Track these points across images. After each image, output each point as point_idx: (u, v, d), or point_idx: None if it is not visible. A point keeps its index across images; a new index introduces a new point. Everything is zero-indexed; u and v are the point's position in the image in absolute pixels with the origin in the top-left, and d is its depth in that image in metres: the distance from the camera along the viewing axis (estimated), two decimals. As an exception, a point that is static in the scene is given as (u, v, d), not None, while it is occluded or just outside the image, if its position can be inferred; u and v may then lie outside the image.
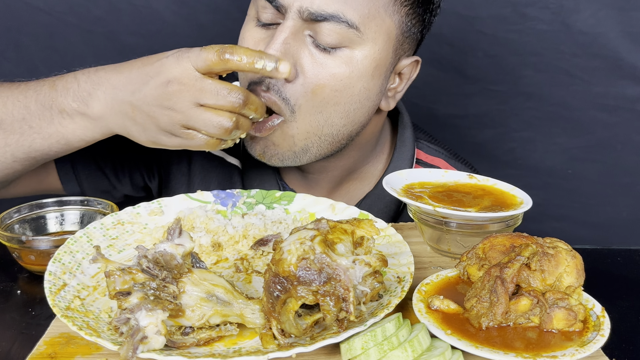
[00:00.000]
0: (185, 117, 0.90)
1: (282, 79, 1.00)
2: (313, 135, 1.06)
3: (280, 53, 0.98)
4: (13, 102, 1.02)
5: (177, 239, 0.78)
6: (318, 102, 1.02)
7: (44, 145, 1.01)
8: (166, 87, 0.91)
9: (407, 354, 0.70)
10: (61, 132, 0.99)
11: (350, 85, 1.02)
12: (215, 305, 0.74)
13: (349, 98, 1.04)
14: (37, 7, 1.70)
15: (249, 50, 0.93)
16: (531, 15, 1.72)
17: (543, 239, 0.84)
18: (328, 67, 1.00)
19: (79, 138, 0.99)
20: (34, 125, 1.00)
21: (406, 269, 0.88)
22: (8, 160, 1.03)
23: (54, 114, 0.99)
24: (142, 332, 0.69)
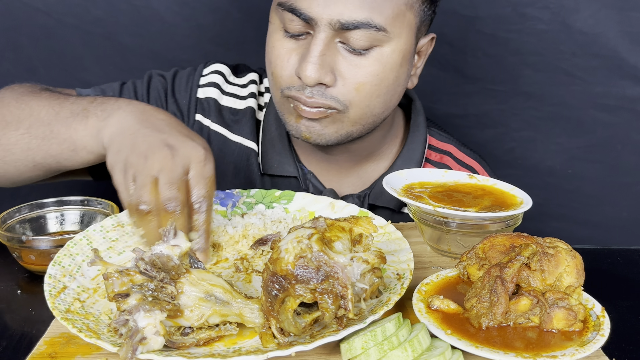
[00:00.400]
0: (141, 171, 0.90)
1: (322, 87, 1.07)
2: (358, 123, 1.14)
3: (318, 65, 1.05)
4: (47, 109, 1.05)
5: (173, 240, 0.78)
6: (363, 97, 1.10)
7: (57, 151, 1.02)
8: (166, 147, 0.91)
9: (407, 354, 0.70)
10: (73, 137, 1.00)
11: (385, 78, 1.10)
12: (214, 305, 0.74)
13: (386, 89, 1.12)
14: (35, 7, 1.70)
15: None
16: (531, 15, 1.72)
17: (543, 239, 0.84)
18: (363, 67, 1.08)
19: (82, 145, 1.00)
20: (54, 129, 1.02)
21: (406, 265, 0.88)
22: (29, 165, 1.06)
23: (77, 120, 1.01)
24: (140, 333, 0.69)
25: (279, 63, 1.10)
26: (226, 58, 1.43)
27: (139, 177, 0.88)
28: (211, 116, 1.30)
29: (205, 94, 1.31)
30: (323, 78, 1.06)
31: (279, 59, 1.10)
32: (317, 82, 1.06)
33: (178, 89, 1.31)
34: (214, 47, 1.76)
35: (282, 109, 1.15)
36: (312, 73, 1.04)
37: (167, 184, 0.87)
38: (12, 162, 1.07)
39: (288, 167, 1.27)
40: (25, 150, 1.05)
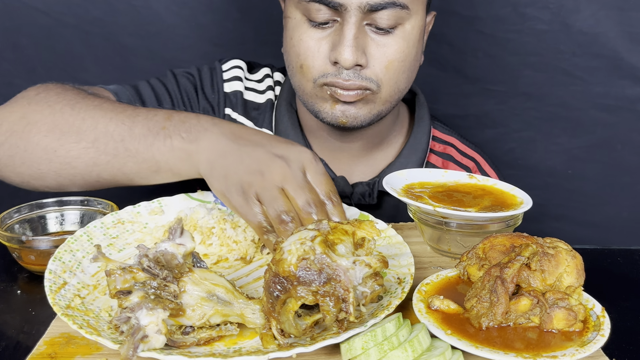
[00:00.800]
0: (264, 187, 0.90)
1: (358, 68, 1.11)
2: (387, 102, 1.18)
3: (354, 48, 1.08)
4: (116, 124, 0.99)
5: (179, 239, 0.78)
6: (392, 74, 1.14)
7: (133, 170, 0.99)
8: (275, 157, 0.91)
9: (407, 354, 0.70)
10: (156, 158, 0.97)
11: (409, 54, 1.15)
12: (216, 305, 0.74)
13: (410, 64, 1.17)
14: (35, 7, 1.70)
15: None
16: (531, 15, 1.72)
17: (543, 239, 0.84)
18: (390, 46, 1.12)
19: (168, 167, 0.98)
20: (130, 148, 0.98)
21: (406, 270, 0.88)
22: (92, 179, 1.02)
23: (158, 140, 0.97)
24: (142, 331, 0.69)
25: (309, 54, 1.12)
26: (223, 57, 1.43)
27: (264, 193, 0.89)
28: (238, 109, 1.33)
29: (232, 87, 1.33)
30: (359, 59, 1.09)
31: (309, 50, 1.12)
32: (354, 64, 1.09)
33: (206, 84, 1.33)
34: (213, 47, 1.76)
35: (314, 99, 1.17)
36: (349, 55, 1.08)
37: (297, 189, 0.89)
38: (70, 175, 1.02)
39: None
40: (91, 165, 1.00)
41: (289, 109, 1.30)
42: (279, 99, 1.33)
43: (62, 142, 1.00)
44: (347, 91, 1.12)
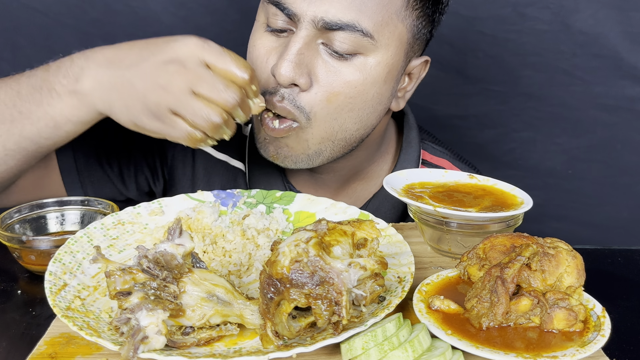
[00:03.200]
0: (176, 100, 0.85)
1: (296, 89, 1.01)
2: (327, 140, 1.06)
3: (295, 64, 0.98)
4: (5, 91, 0.98)
5: (178, 239, 0.78)
6: (333, 109, 1.02)
7: (33, 131, 0.96)
8: (166, 65, 0.87)
9: (408, 354, 0.70)
10: (49, 113, 0.95)
11: (364, 92, 1.03)
12: (216, 305, 0.74)
13: (362, 104, 1.04)
14: (33, 8, 1.70)
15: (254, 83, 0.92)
16: (531, 15, 1.72)
17: (543, 239, 0.84)
18: (342, 75, 1.01)
19: (66, 119, 0.95)
20: (23, 110, 0.96)
21: (407, 269, 0.88)
22: (0, 153, 0.99)
23: (44, 95, 0.95)
24: (142, 332, 0.69)
25: (258, 64, 1.04)
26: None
27: (178, 105, 0.83)
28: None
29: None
30: (297, 79, 0.99)
31: (258, 59, 1.04)
32: (291, 82, 0.99)
33: None
34: (213, 48, 1.76)
35: (256, 123, 1.10)
36: (286, 71, 0.97)
37: (207, 86, 0.85)
38: None
39: (276, 187, 1.21)
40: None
41: None
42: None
43: None
44: (275, 124, 1.03)
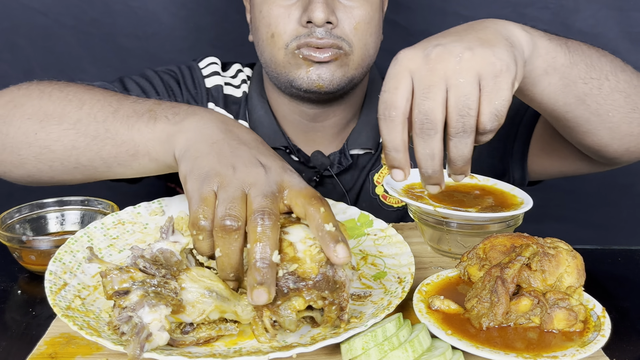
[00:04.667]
0: (230, 182, 0.76)
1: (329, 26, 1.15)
2: (359, 66, 1.21)
3: (325, 5, 1.12)
4: (102, 106, 0.93)
5: (172, 237, 0.78)
6: (361, 35, 1.19)
7: (111, 153, 0.91)
8: (257, 162, 0.79)
9: (408, 354, 0.70)
10: (135, 139, 0.89)
11: (374, 17, 1.21)
12: (215, 301, 0.74)
13: (374, 29, 1.22)
14: (33, 8, 1.70)
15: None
16: (531, 15, 1.72)
17: (544, 239, 0.84)
18: (356, 8, 1.18)
19: (146, 150, 0.89)
20: (111, 128, 0.90)
21: (407, 269, 0.88)
22: (71, 165, 0.95)
23: (142, 121, 0.89)
24: (146, 329, 0.69)
25: (280, 21, 1.16)
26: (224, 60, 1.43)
27: (226, 188, 0.74)
28: (220, 103, 1.34)
29: (212, 82, 1.35)
30: (330, 17, 1.13)
31: (280, 17, 1.16)
32: (326, 20, 1.13)
33: (187, 80, 1.35)
34: (212, 48, 1.76)
35: (287, 68, 1.19)
36: (321, 12, 1.12)
37: (259, 195, 0.74)
38: (49, 160, 0.95)
39: (278, 138, 1.31)
40: (70, 148, 0.93)
41: (261, 99, 1.33)
42: (250, 92, 1.36)
43: (43, 125, 0.94)
44: (322, 52, 1.15)
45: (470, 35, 0.76)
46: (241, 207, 0.73)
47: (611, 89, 0.93)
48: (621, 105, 0.94)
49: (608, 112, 0.94)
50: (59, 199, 1.12)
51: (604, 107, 0.93)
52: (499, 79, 0.72)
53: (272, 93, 1.33)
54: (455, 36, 0.76)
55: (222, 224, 0.72)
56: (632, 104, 0.95)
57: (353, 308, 0.83)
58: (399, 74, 0.73)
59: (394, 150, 0.74)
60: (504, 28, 0.80)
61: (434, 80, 0.71)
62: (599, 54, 0.95)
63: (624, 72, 0.96)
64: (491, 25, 0.80)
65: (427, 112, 0.71)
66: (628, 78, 0.96)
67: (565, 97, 0.90)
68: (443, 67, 0.71)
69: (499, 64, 0.72)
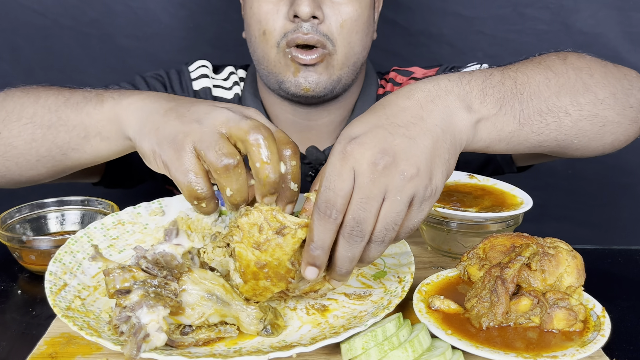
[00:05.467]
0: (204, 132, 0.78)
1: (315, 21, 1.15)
2: (345, 65, 1.22)
3: (311, 1, 1.13)
4: (56, 97, 0.98)
5: (175, 239, 0.78)
6: (346, 33, 1.19)
7: (64, 139, 0.95)
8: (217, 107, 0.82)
9: (408, 354, 0.70)
10: (85, 122, 0.93)
11: (362, 15, 1.20)
12: (215, 304, 0.74)
13: (363, 26, 1.21)
14: (32, 8, 1.70)
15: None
16: (531, 15, 1.72)
17: (543, 239, 0.84)
18: (343, 4, 1.18)
19: (97, 131, 0.92)
20: (62, 116, 0.95)
21: (407, 269, 0.88)
22: (33, 158, 0.99)
23: (89, 105, 0.93)
24: (144, 330, 0.69)
25: (270, 17, 1.17)
26: (224, 60, 1.43)
27: (203, 139, 0.76)
28: None
29: (200, 85, 1.36)
30: (316, 11, 1.14)
31: (269, 13, 1.18)
32: (311, 15, 1.14)
33: (175, 84, 1.35)
34: (212, 48, 1.76)
35: (277, 68, 1.20)
36: (306, 7, 1.13)
37: (242, 120, 0.77)
38: (14, 157, 0.99)
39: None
40: (29, 142, 0.97)
41: (254, 100, 1.34)
42: (244, 92, 1.36)
43: (5, 123, 0.99)
44: (308, 54, 1.16)
45: (420, 142, 0.73)
46: (228, 144, 0.77)
47: (573, 122, 0.89)
48: (587, 129, 0.91)
49: (573, 141, 0.91)
50: (59, 199, 1.12)
51: (567, 139, 0.90)
52: (425, 203, 0.72)
53: (265, 93, 1.33)
54: (405, 139, 0.72)
55: (222, 166, 0.75)
56: (600, 122, 0.91)
57: (353, 307, 0.83)
58: (345, 173, 0.71)
59: (320, 249, 0.72)
60: (449, 125, 0.77)
61: (374, 193, 0.70)
62: (558, 85, 0.88)
63: (588, 90, 0.90)
64: (440, 121, 0.76)
65: (360, 222, 0.70)
66: (592, 97, 0.90)
67: (515, 150, 0.88)
68: (386, 182, 0.70)
69: (432, 191, 0.72)
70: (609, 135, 0.94)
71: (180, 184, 0.78)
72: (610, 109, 0.92)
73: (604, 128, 0.92)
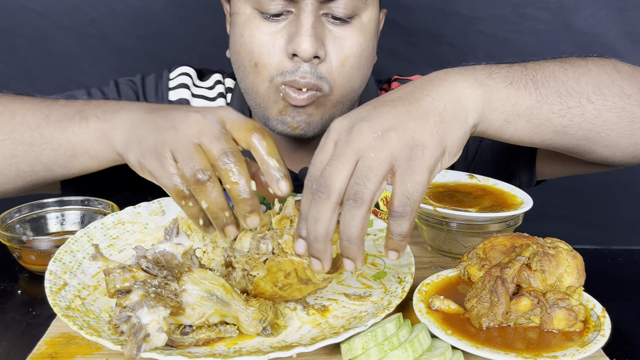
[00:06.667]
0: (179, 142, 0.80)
1: (315, 61, 1.05)
2: (340, 103, 1.12)
3: (313, 38, 1.02)
4: (34, 113, 0.97)
5: (175, 239, 0.78)
6: (347, 72, 1.09)
7: (50, 157, 0.96)
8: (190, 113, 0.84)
9: (408, 354, 0.70)
10: (71, 141, 0.94)
11: (366, 48, 1.11)
12: (215, 305, 0.74)
13: (365, 60, 1.12)
14: (31, 8, 1.70)
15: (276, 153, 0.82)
16: (531, 15, 1.72)
17: (543, 239, 0.84)
18: (347, 39, 1.08)
19: (84, 149, 0.94)
20: (46, 134, 0.95)
21: (407, 269, 0.88)
22: (12, 174, 0.99)
23: (74, 123, 0.94)
24: (144, 330, 0.69)
25: (264, 50, 1.06)
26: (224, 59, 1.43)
27: (179, 150, 0.79)
28: None
29: (177, 95, 1.29)
30: (318, 51, 1.04)
31: (264, 45, 1.06)
32: (314, 55, 1.03)
33: (148, 92, 1.29)
34: (212, 48, 1.75)
35: (266, 102, 1.11)
36: (308, 46, 1.02)
37: (212, 140, 0.79)
38: None
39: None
40: (9, 158, 0.97)
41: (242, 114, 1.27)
42: (231, 105, 1.28)
43: None
44: (300, 94, 1.06)
45: (401, 108, 0.73)
46: (202, 158, 0.78)
47: (597, 110, 0.87)
48: (614, 122, 0.89)
49: (600, 134, 0.89)
50: (59, 198, 1.12)
51: (593, 130, 0.88)
52: (413, 163, 0.70)
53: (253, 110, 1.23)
54: (386, 107, 0.73)
55: (195, 180, 0.77)
56: (628, 117, 0.89)
57: (353, 308, 0.83)
58: (325, 145, 0.72)
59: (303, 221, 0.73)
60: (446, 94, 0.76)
61: (345, 151, 0.70)
62: (577, 73, 0.87)
63: (613, 83, 0.88)
64: (433, 91, 0.76)
65: (326, 177, 0.69)
66: (618, 90, 0.88)
67: (540, 136, 0.86)
68: (358, 141, 0.70)
69: (416, 148, 0.70)
70: (638, 135, 0.91)
71: (168, 188, 0.81)
72: (639, 106, 0.89)
73: (633, 125, 0.90)
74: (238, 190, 0.78)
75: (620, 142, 0.91)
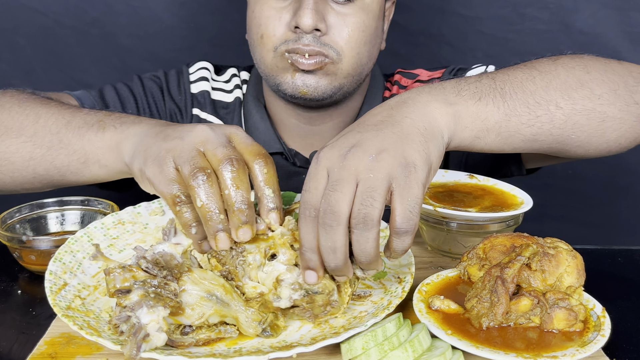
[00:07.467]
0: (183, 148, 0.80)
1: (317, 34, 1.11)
2: (349, 75, 1.18)
3: (314, 11, 1.09)
4: (57, 118, 0.99)
5: (174, 239, 0.78)
6: (353, 44, 1.15)
7: (64, 162, 0.97)
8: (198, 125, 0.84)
9: (408, 354, 0.70)
10: (85, 148, 0.95)
11: (370, 26, 1.17)
12: (215, 305, 0.74)
13: (370, 37, 1.18)
14: (33, 8, 1.70)
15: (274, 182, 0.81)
16: (531, 15, 1.72)
17: (543, 239, 0.84)
18: (350, 16, 1.14)
19: (96, 158, 0.94)
20: (64, 139, 0.97)
21: (407, 269, 0.88)
22: (29, 175, 1.01)
23: (92, 131, 0.95)
24: (144, 329, 0.69)
25: (270, 22, 1.15)
26: (225, 59, 1.43)
27: (182, 154, 0.78)
28: (207, 109, 1.34)
29: (198, 88, 1.34)
30: (319, 24, 1.10)
31: (270, 18, 1.15)
32: (314, 27, 1.10)
33: (172, 86, 1.34)
34: (213, 48, 1.76)
35: (274, 70, 1.18)
36: (309, 19, 1.09)
37: (217, 147, 0.78)
38: (9, 171, 1.01)
39: (274, 144, 1.30)
40: (27, 159, 0.99)
41: (257, 103, 1.32)
42: (246, 95, 1.35)
43: (3, 138, 1.00)
44: (307, 60, 1.13)
45: (387, 131, 0.75)
46: (203, 160, 0.77)
47: (566, 115, 0.88)
48: (584, 124, 0.90)
49: (570, 136, 0.90)
50: (59, 199, 1.12)
51: (564, 134, 0.90)
52: (410, 179, 0.71)
53: (268, 96, 1.32)
54: (372, 131, 0.75)
55: (193, 175, 0.76)
56: (599, 117, 0.91)
57: (353, 308, 0.83)
58: (318, 173, 0.72)
59: (309, 250, 0.72)
60: (422, 115, 0.78)
61: (344, 175, 0.70)
62: (545, 80, 0.88)
63: (582, 85, 0.90)
64: (410, 113, 0.78)
65: (332, 203, 0.69)
66: (587, 92, 0.89)
67: (511, 145, 0.87)
68: (355, 165, 0.71)
69: (409, 166, 0.72)
70: (611, 131, 0.93)
71: (164, 195, 0.78)
72: (610, 104, 0.91)
73: (604, 124, 0.92)
74: (236, 198, 0.76)
75: (592, 141, 0.93)
